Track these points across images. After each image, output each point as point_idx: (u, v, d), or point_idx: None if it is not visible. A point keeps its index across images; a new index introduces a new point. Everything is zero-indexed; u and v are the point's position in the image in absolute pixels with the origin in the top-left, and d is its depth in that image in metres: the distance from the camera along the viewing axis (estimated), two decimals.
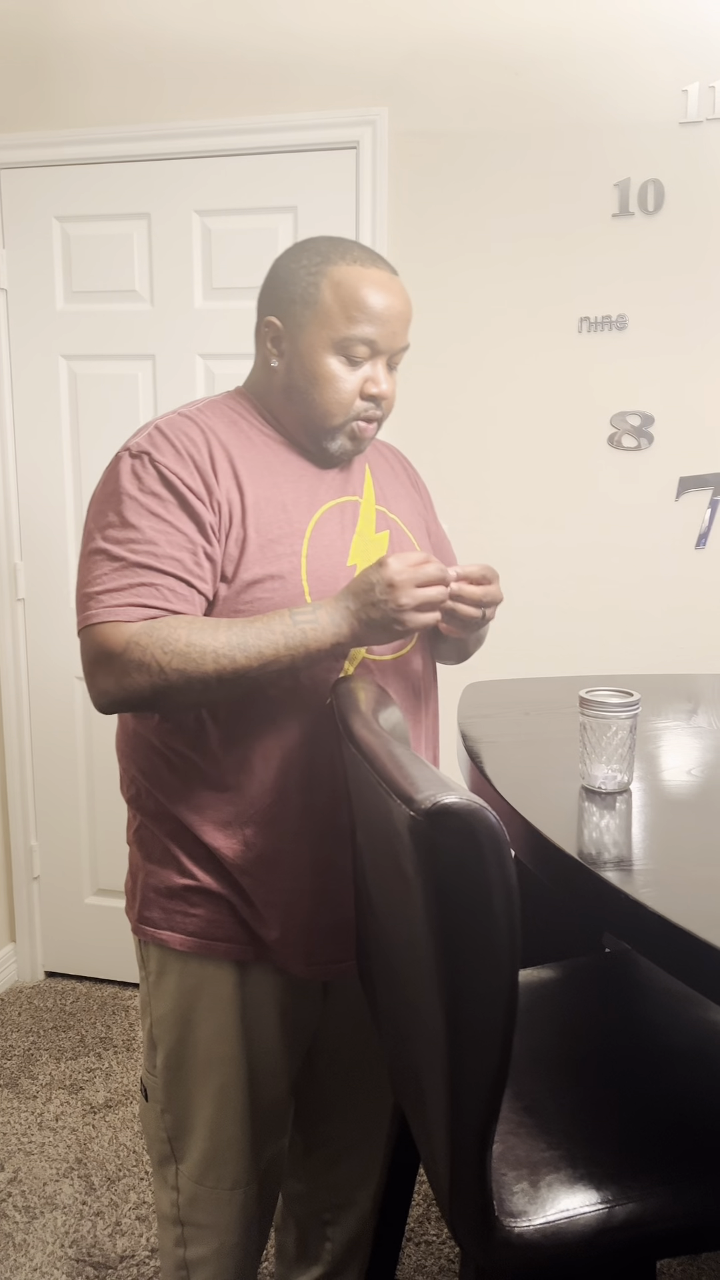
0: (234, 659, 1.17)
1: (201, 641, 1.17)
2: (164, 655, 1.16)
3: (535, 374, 2.30)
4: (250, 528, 1.25)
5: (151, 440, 1.25)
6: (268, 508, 1.27)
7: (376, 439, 1.50)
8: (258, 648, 1.18)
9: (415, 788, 0.86)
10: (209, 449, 1.26)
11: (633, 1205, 0.95)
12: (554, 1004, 1.31)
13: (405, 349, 1.31)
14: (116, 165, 2.43)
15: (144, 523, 1.21)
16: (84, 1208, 1.94)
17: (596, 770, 1.22)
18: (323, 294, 1.26)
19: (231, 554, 1.24)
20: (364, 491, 1.38)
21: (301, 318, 1.27)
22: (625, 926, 0.99)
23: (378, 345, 1.27)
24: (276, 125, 2.33)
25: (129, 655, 1.17)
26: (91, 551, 1.23)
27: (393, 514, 1.40)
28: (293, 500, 1.29)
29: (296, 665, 1.20)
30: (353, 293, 1.25)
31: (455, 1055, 0.88)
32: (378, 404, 1.30)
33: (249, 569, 1.24)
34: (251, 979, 1.34)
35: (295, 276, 1.28)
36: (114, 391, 2.52)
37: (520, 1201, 0.95)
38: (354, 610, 1.19)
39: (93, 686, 1.22)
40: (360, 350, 1.26)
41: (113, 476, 1.25)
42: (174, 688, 1.17)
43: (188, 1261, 1.42)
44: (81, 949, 2.78)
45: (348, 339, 1.26)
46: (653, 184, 2.17)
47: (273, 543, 1.26)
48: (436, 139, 2.27)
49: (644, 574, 2.31)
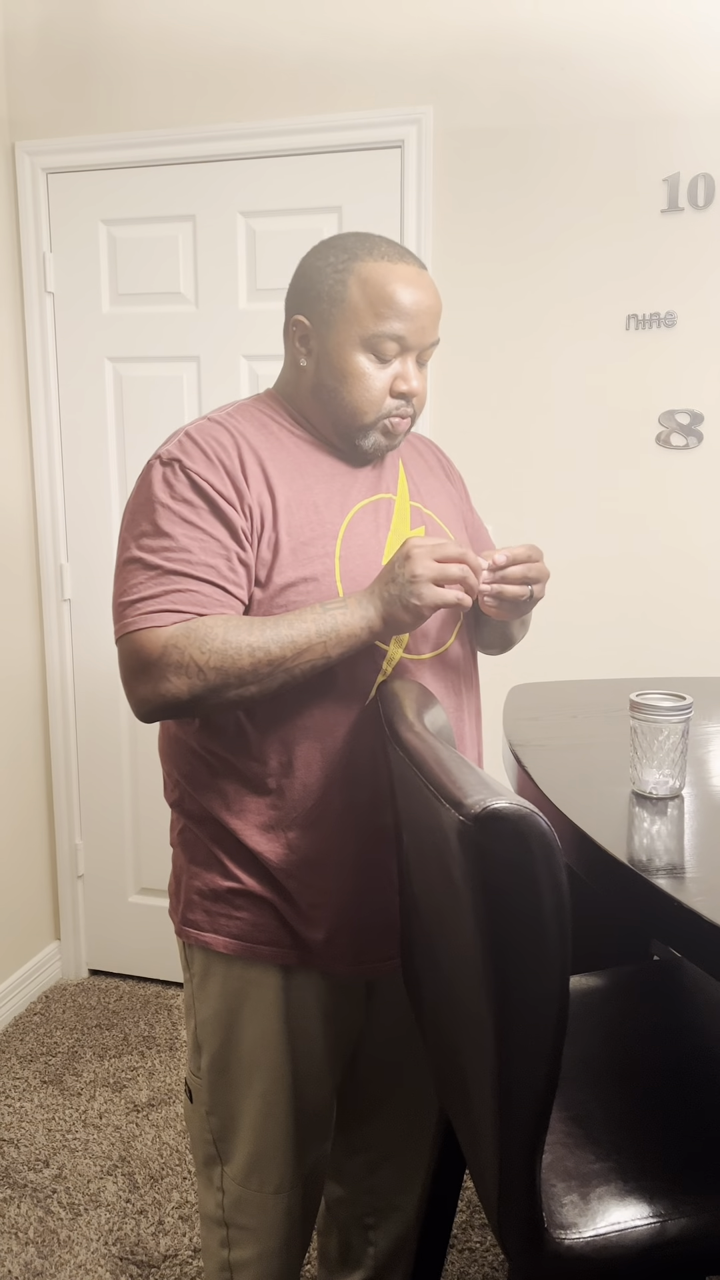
0: (269, 651, 1.17)
1: (237, 638, 1.17)
2: (201, 655, 1.16)
3: (582, 372, 2.27)
4: (282, 530, 1.24)
5: (182, 447, 1.25)
6: (299, 510, 1.26)
7: (412, 434, 1.49)
8: (290, 637, 1.17)
9: (464, 792, 0.85)
10: (239, 453, 1.25)
11: (686, 1220, 0.93)
12: (601, 1012, 1.29)
13: (435, 344, 1.30)
14: (161, 168, 2.44)
15: (178, 530, 1.21)
16: (127, 1206, 1.95)
17: (647, 775, 1.19)
18: (350, 291, 1.25)
19: (265, 558, 1.24)
20: (398, 488, 1.36)
21: (329, 315, 1.26)
22: (677, 934, 0.97)
23: (407, 341, 1.26)
24: (320, 126, 2.32)
25: (167, 658, 1.17)
26: (126, 561, 1.24)
27: (428, 509, 1.38)
28: (325, 501, 1.29)
29: (330, 655, 1.19)
30: (380, 289, 1.24)
31: (504, 1063, 0.87)
32: (408, 401, 1.29)
33: (282, 572, 1.24)
34: (296, 983, 1.33)
35: (322, 274, 1.27)
36: (159, 393, 2.53)
37: (570, 1213, 0.93)
38: (378, 591, 1.19)
39: (132, 695, 1.22)
40: (390, 347, 1.25)
41: (145, 485, 1.26)
42: (211, 688, 1.17)
43: (232, 1263, 1.41)
44: (125, 947, 2.80)
45: (376, 336, 1.24)
46: (703, 178, 2.14)
47: (305, 545, 1.25)
48: (482, 136, 2.25)
49: (692, 575, 2.28)
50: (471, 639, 1.43)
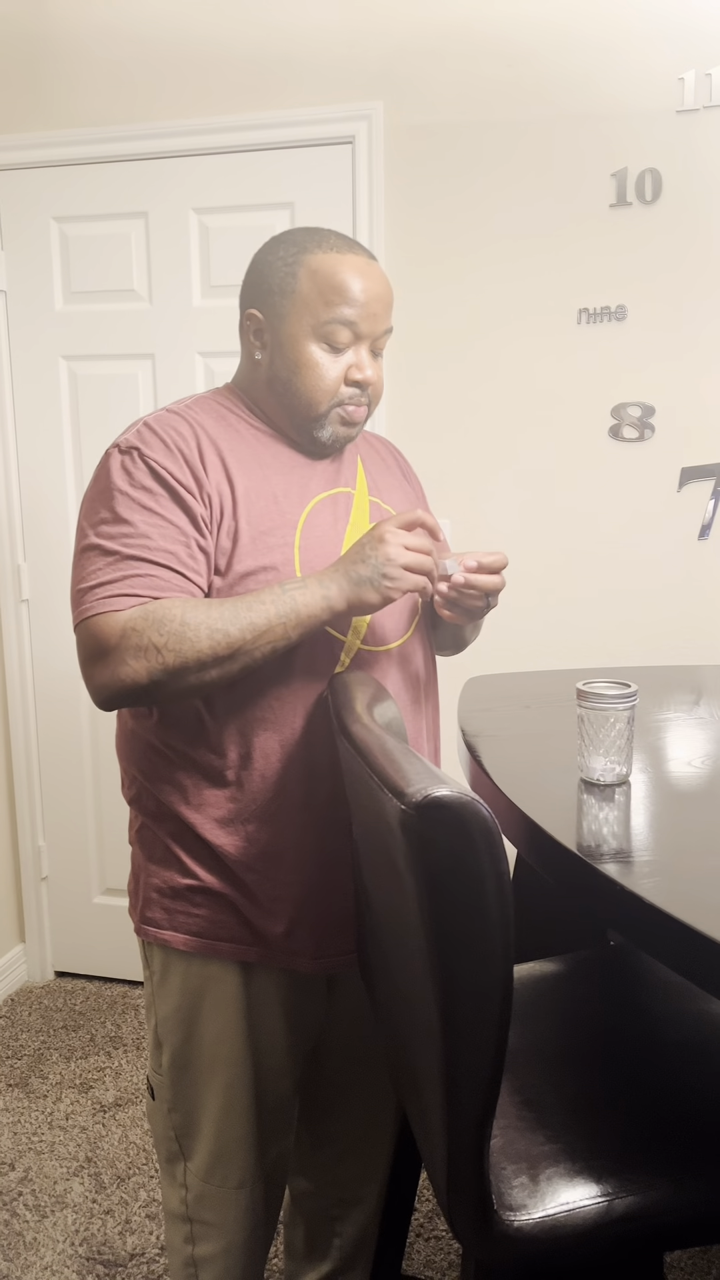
0: (227, 632, 1.17)
1: (195, 619, 1.17)
2: (159, 636, 1.16)
3: (535, 366, 2.29)
4: (242, 520, 1.25)
5: (140, 436, 1.25)
6: (259, 500, 1.27)
7: (367, 431, 1.50)
8: (249, 619, 1.18)
9: (406, 781, 0.86)
10: (198, 443, 1.26)
11: (633, 1198, 0.95)
12: (555, 997, 1.30)
13: (388, 333, 1.31)
14: (113, 165, 2.43)
15: (136, 517, 1.21)
16: (94, 1206, 1.94)
17: (595, 762, 1.21)
18: (300, 283, 1.26)
19: (224, 546, 1.24)
20: (356, 483, 1.37)
21: (281, 308, 1.28)
22: (624, 919, 0.99)
23: (359, 328, 1.27)
24: (272, 121, 2.32)
25: (125, 642, 1.17)
26: (85, 548, 1.23)
27: (386, 505, 1.39)
28: (284, 492, 1.29)
29: (290, 637, 1.20)
30: (330, 278, 1.25)
31: (450, 1049, 0.88)
32: (363, 390, 1.30)
33: (242, 561, 1.24)
34: (256, 979, 1.34)
35: (272, 268, 1.29)
36: (114, 391, 2.52)
37: (520, 1195, 0.95)
38: (343, 569, 1.20)
39: (90, 681, 1.22)
40: (341, 335, 1.26)
41: (103, 473, 1.26)
42: (170, 670, 1.17)
43: (196, 1259, 1.42)
44: (90, 949, 2.79)
45: (328, 324, 1.26)
46: (650, 173, 2.16)
47: (265, 534, 1.26)
48: (432, 132, 2.26)
49: (646, 566, 2.30)
50: (429, 634, 1.45)
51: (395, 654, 1.35)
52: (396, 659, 1.35)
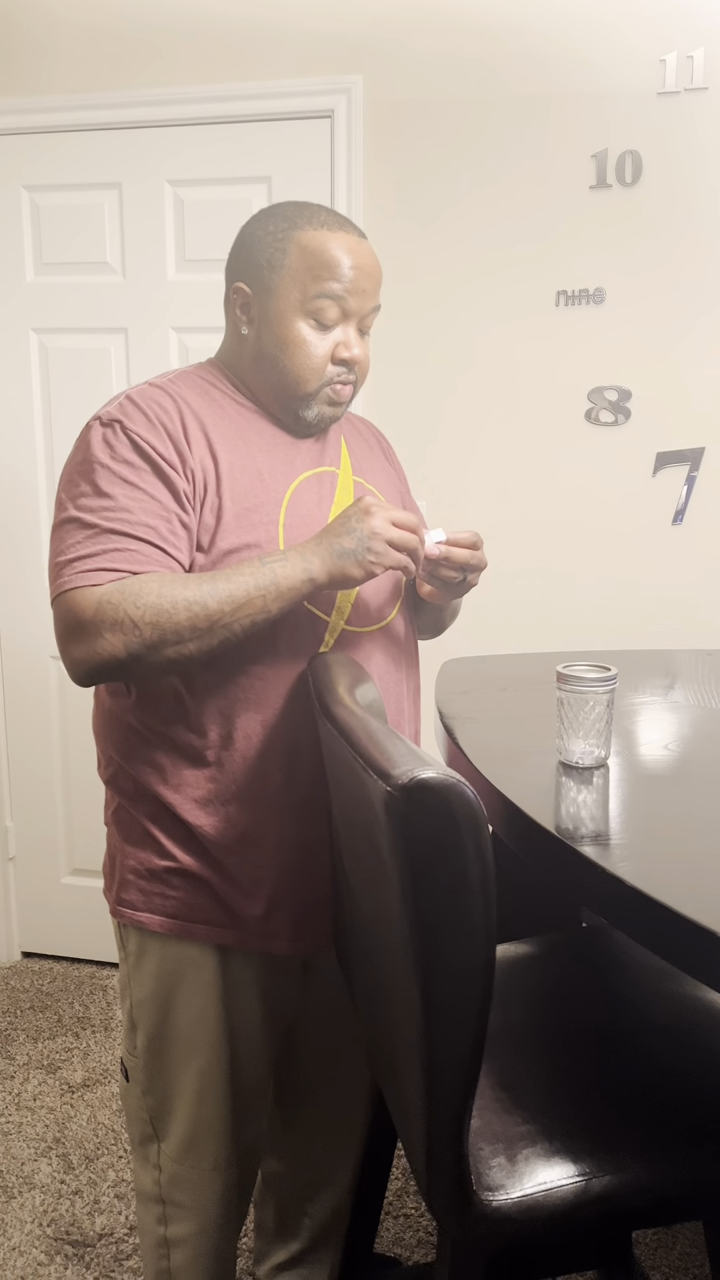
0: (205, 605, 1.15)
1: (172, 592, 1.15)
2: (136, 610, 1.14)
3: (512, 348, 2.28)
4: (226, 496, 1.23)
5: (123, 409, 1.23)
6: (243, 476, 1.25)
7: (352, 414, 1.49)
8: (228, 591, 1.16)
9: (392, 763, 0.85)
10: (181, 417, 1.24)
11: (609, 1178, 0.96)
12: (530, 979, 1.31)
13: (376, 310, 1.30)
14: (86, 133, 2.38)
15: (117, 490, 1.19)
16: (62, 1186, 1.93)
17: (574, 745, 1.21)
18: (290, 258, 1.25)
19: (208, 523, 1.23)
20: (341, 463, 1.36)
21: (269, 282, 1.26)
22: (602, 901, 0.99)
23: (347, 305, 1.26)
24: (250, 93, 2.28)
25: (101, 616, 1.15)
26: (64, 521, 1.21)
27: (370, 485, 1.38)
28: (268, 469, 1.28)
29: (270, 610, 1.18)
30: (319, 254, 1.24)
31: (431, 1031, 0.88)
32: (350, 368, 1.28)
33: (226, 538, 1.23)
34: (232, 962, 1.33)
35: (262, 242, 1.27)
36: (86, 365, 2.48)
37: (497, 1176, 0.95)
38: (327, 541, 1.19)
39: (67, 656, 1.20)
40: (330, 312, 1.25)
41: (84, 445, 1.23)
42: (148, 644, 1.15)
43: (168, 1239, 1.41)
44: (58, 929, 2.77)
45: (316, 300, 1.24)
46: (630, 155, 2.15)
47: (249, 511, 1.24)
48: (412, 108, 2.23)
49: (621, 550, 2.31)
50: (412, 615, 1.44)
51: (379, 634, 1.34)
52: (380, 639, 1.34)
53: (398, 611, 1.37)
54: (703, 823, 1.09)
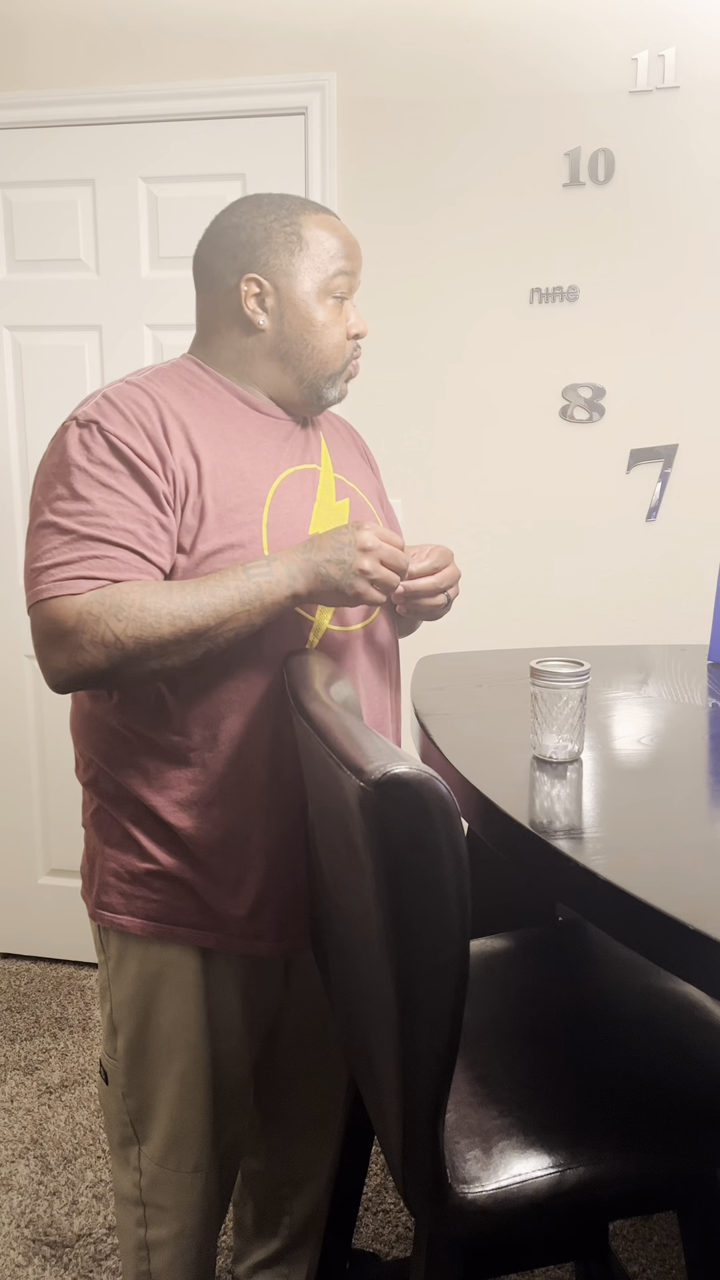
0: (190, 619, 1.15)
1: (155, 605, 1.14)
2: (118, 623, 1.13)
3: (486, 345, 2.29)
4: (208, 496, 1.22)
5: (100, 409, 1.21)
6: (225, 476, 1.24)
7: (329, 411, 1.49)
8: (213, 605, 1.15)
9: (366, 758, 0.86)
10: (160, 417, 1.22)
11: (584, 1169, 0.96)
12: (506, 974, 1.31)
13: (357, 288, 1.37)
14: (59, 129, 2.36)
15: (94, 494, 1.17)
16: (40, 1188, 1.93)
17: (547, 740, 1.22)
18: (307, 244, 1.28)
19: (190, 524, 1.21)
20: (321, 460, 1.36)
21: (291, 268, 1.27)
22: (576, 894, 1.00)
23: (354, 283, 1.32)
24: (224, 90, 2.28)
25: (82, 627, 1.13)
26: (40, 525, 1.19)
27: (350, 482, 1.39)
28: (250, 468, 1.27)
29: (254, 623, 1.18)
30: (330, 237, 1.29)
31: (406, 1026, 0.88)
32: (360, 340, 1.34)
33: (208, 539, 1.22)
34: (214, 965, 1.32)
35: (270, 231, 1.27)
36: (60, 363, 2.46)
37: (473, 1168, 0.95)
38: (316, 562, 1.18)
39: (45, 665, 1.18)
40: (343, 288, 1.30)
41: (60, 447, 1.21)
42: (131, 657, 1.14)
43: (149, 1242, 1.41)
44: (35, 930, 2.76)
45: (335, 280, 1.29)
46: (603, 154, 2.16)
47: (231, 511, 1.23)
48: (386, 106, 2.24)
49: (595, 547, 2.32)
50: (393, 616, 1.44)
51: (363, 634, 1.34)
52: (364, 639, 1.34)
53: (380, 611, 1.37)
54: (676, 816, 1.10)
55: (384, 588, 1.21)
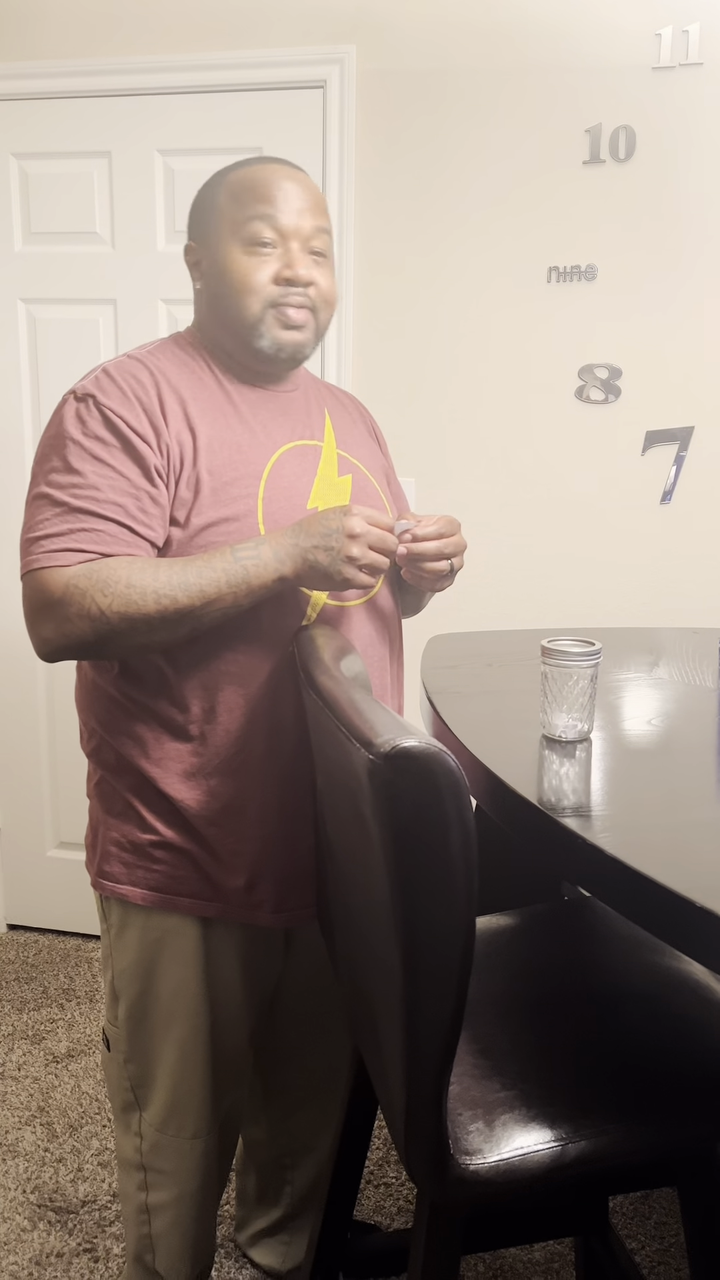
0: (175, 599, 1.16)
1: (141, 582, 1.15)
2: (104, 598, 1.15)
3: (502, 324, 2.27)
4: (203, 470, 1.23)
5: (98, 383, 1.23)
6: (222, 449, 1.25)
7: (335, 387, 1.48)
8: (199, 586, 1.16)
9: (375, 732, 0.86)
10: (158, 391, 1.23)
11: (585, 1143, 0.97)
12: (511, 949, 1.32)
13: (323, 232, 1.29)
14: (76, 100, 2.35)
15: (87, 467, 1.19)
16: (46, 1154, 1.95)
17: (557, 719, 1.22)
18: (221, 199, 1.28)
19: (184, 498, 1.22)
20: (325, 436, 1.35)
21: (207, 227, 1.29)
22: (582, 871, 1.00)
23: (278, 221, 1.25)
24: (242, 62, 2.26)
25: (69, 599, 1.15)
26: (35, 497, 1.21)
27: (354, 458, 1.38)
28: (248, 442, 1.27)
29: (241, 603, 1.19)
30: (244, 183, 1.27)
31: (412, 997, 0.89)
32: (299, 289, 1.26)
33: (202, 513, 1.22)
34: (214, 933, 1.33)
35: (201, 197, 1.31)
36: (74, 337, 2.46)
37: (475, 1140, 0.96)
38: (304, 548, 1.19)
39: (34, 634, 1.20)
40: (262, 232, 1.25)
41: (58, 420, 1.23)
42: (116, 631, 1.16)
43: (149, 1205, 1.43)
44: (44, 902, 2.78)
45: (248, 226, 1.25)
46: (624, 130, 2.14)
47: (227, 485, 1.24)
48: (406, 79, 2.21)
49: (609, 529, 2.31)
50: (397, 588, 1.44)
51: (363, 608, 1.34)
52: (364, 613, 1.34)
53: (382, 585, 1.37)
54: (683, 796, 1.10)
55: (372, 572, 1.21)
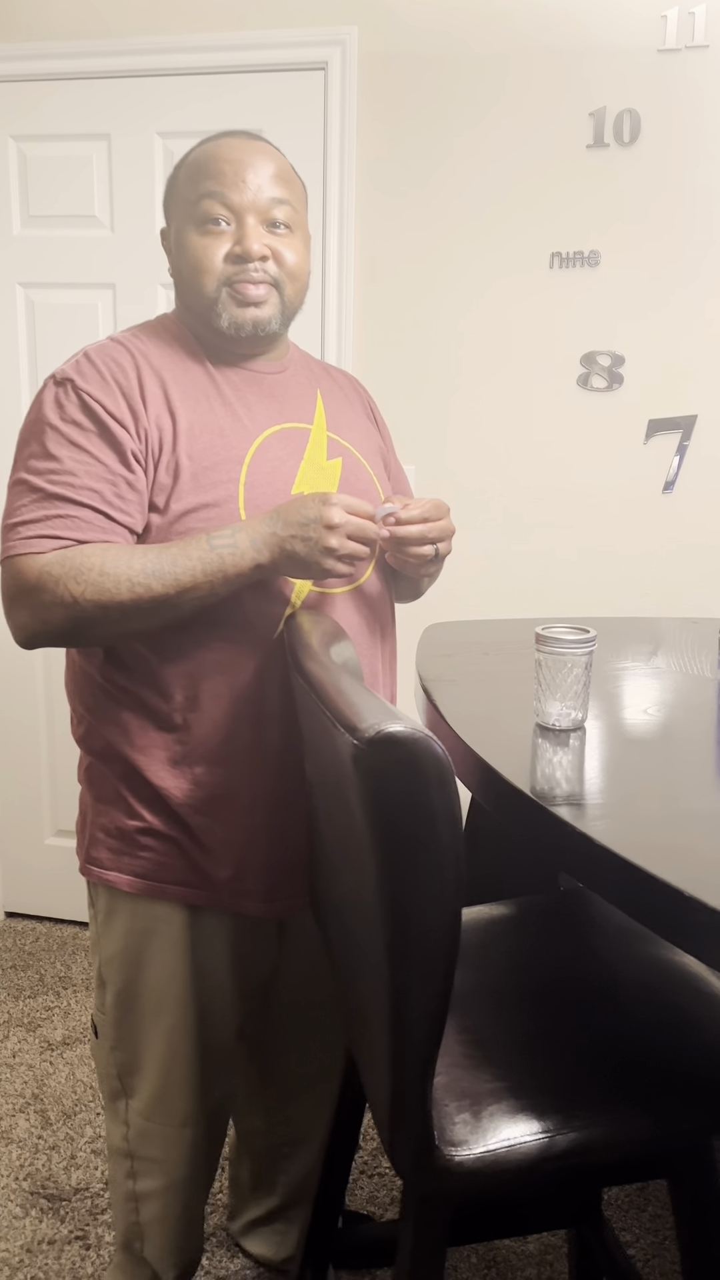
0: (150, 586, 1.14)
1: (115, 569, 1.14)
2: (77, 585, 1.14)
3: (504, 311, 2.25)
4: (183, 454, 1.21)
5: (78, 367, 1.22)
6: (204, 434, 1.23)
7: (332, 367, 1.46)
8: (174, 574, 1.15)
9: (359, 717, 0.84)
10: (138, 374, 1.22)
11: (574, 1135, 0.96)
12: (507, 940, 1.31)
13: (281, 203, 1.24)
14: (75, 82, 2.33)
15: (64, 453, 1.18)
16: (39, 1142, 1.94)
17: (551, 707, 1.20)
18: (180, 178, 1.26)
19: (164, 483, 1.20)
20: (315, 418, 1.34)
21: (171, 209, 1.28)
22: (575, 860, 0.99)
23: (229, 199, 1.22)
24: (242, 43, 2.23)
25: (43, 586, 1.15)
26: (15, 483, 1.21)
27: (345, 441, 1.36)
28: (231, 425, 1.25)
29: (218, 591, 1.17)
30: (200, 164, 1.25)
31: (398, 985, 0.87)
32: (248, 262, 1.23)
33: (182, 498, 1.21)
34: (203, 921, 1.32)
35: (169, 178, 1.30)
36: (73, 321, 2.44)
37: (462, 1131, 0.95)
38: (281, 537, 1.17)
39: (10, 621, 1.20)
40: (214, 210, 1.23)
41: (38, 405, 1.23)
42: (90, 618, 1.15)
43: (137, 1194, 1.42)
44: (41, 890, 2.77)
45: (200, 205, 1.23)
46: (629, 114, 2.11)
47: (208, 470, 1.22)
48: (408, 61, 2.19)
49: (611, 517, 2.29)
50: (388, 576, 1.42)
51: (351, 595, 1.32)
52: (352, 601, 1.32)
53: (371, 572, 1.35)
54: (678, 786, 1.08)
55: (352, 562, 1.19)
